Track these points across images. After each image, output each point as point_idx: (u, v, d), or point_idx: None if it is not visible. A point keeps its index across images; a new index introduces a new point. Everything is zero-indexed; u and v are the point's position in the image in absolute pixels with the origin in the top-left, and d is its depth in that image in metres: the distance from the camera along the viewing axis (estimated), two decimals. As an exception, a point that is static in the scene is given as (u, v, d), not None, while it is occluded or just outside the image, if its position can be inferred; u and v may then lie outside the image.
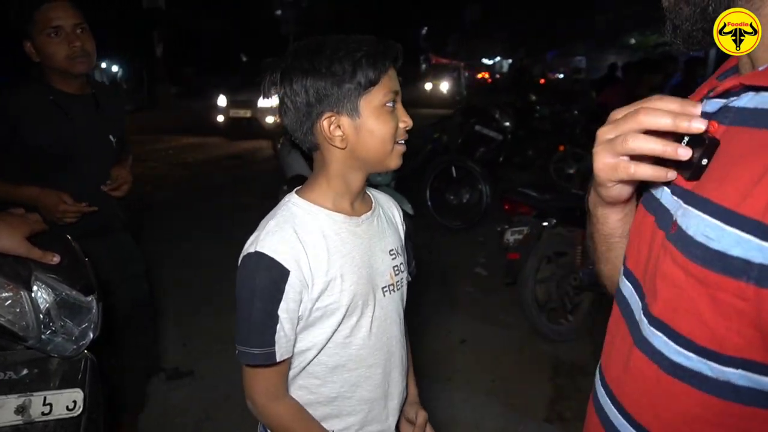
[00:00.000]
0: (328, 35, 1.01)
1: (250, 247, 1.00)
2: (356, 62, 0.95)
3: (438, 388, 2.81)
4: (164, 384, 2.84)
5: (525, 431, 2.51)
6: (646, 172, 0.62)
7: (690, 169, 0.60)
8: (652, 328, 0.62)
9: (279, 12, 19.31)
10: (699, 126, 0.57)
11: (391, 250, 1.14)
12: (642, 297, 0.66)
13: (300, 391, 1.09)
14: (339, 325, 1.04)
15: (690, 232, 0.57)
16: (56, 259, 1.31)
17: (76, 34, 1.84)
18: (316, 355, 1.06)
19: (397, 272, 1.14)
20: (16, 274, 1.24)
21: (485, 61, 39.39)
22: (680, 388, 0.59)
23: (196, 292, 3.91)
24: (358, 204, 1.10)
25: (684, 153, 0.58)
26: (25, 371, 1.23)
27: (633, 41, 22.84)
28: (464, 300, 3.81)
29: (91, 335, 1.34)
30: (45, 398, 1.23)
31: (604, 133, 0.65)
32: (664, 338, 0.60)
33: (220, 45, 20.77)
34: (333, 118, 0.98)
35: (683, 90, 0.75)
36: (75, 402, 1.27)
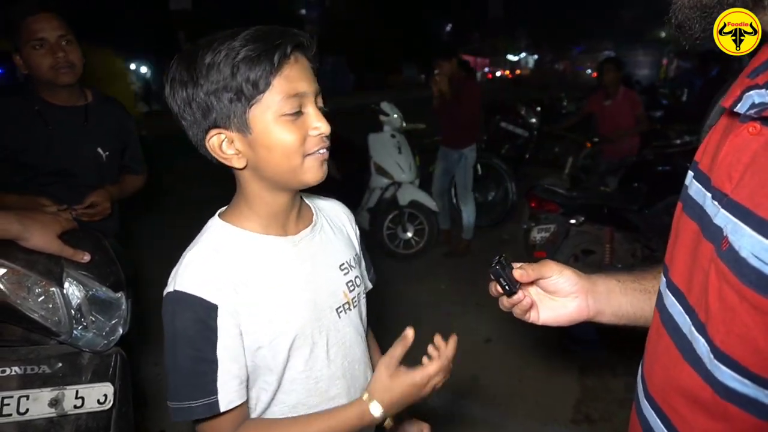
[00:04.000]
0: (217, 32, 0.83)
1: (168, 285, 0.87)
2: (234, 66, 0.79)
3: (463, 387, 2.79)
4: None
5: (552, 432, 2.47)
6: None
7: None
8: (707, 348, 0.58)
9: (304, 11, 19.45)
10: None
11: (342, 264, 1.01)
12: (690, 311, 0.63)
13: None
14: (287, 361, 0.91)
15: (743, 254, 0.53)
16: (87, 257, 1.34)
17: (60, 46, 1.84)
18: (273, 397, 0.94)
19: (351, 288, 1.01)
20: (48, 271, 1.27)
21: (510, 57, 39.01)
22: (735, 412, 0.56)
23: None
24: (292, 223, 0.96)
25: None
26: (58, 365, 1.27)
27: (663, 35, 22.31)
28: (490, 299, 3.76)
29: (121, 331, 1.37)
30: (77, 392, 1.26)
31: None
32: (717, 362, 0.57)
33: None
34: (219, 135, 0.84)
35: (719, 83, 0.72)
36: (106, 396, 1.30)
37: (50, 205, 1.76)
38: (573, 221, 3.21)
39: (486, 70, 40.18)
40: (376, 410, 0.88)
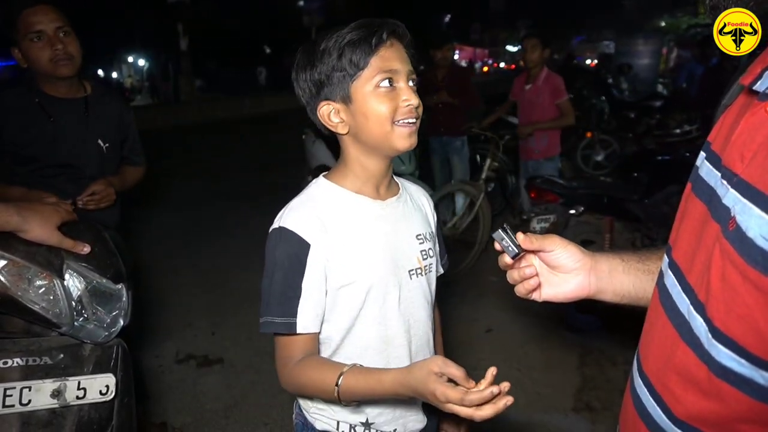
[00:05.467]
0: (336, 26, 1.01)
1: (275, 223, 1.04)
2: (340, 49, 0.97)
3: (464, 376, 2.80)
4: (194, 371, 2.90)
5: (551, 421, 2.48)
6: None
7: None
8: (705, 328, 0.58)
9: (301, 3, 19.33)
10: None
11: (419, 234, 1.13)
12: (688, 291, 0.63)
13: None
14: (363, 305, 1.05)
15: (750, 235, 0.53)
16: (87, 248, 1.34)
17: (58, 38, 1.84)
18: (346, 335, 1.07)
19: (425, 257, 1.13)
20: (49, 263, 1.27)
21: (509, 48, 38.82)
22: (729, 391, 0.56)
23: (224, 282, 3.98)
24: (383, 189, 1.11)
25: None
26: (60, 356, 1.27)
27: (663, 24, 22.18)
28: (490, 289, 3.78)
29: (122, 322, 1.37)
30: (79, 383, 1.27)
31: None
32: (715, 341, 0.57)
33: (243, 38, 20.90)
34: (328, 106, 1.01)
35: (720, 70, 0.71)
36: (108, 387, 1.30)
37: (50, 196, 1.75)
38: (573, 211, 3.21)
39: (489, 61, 40.01)
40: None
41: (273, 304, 1.01)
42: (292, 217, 1.02)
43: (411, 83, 1.02)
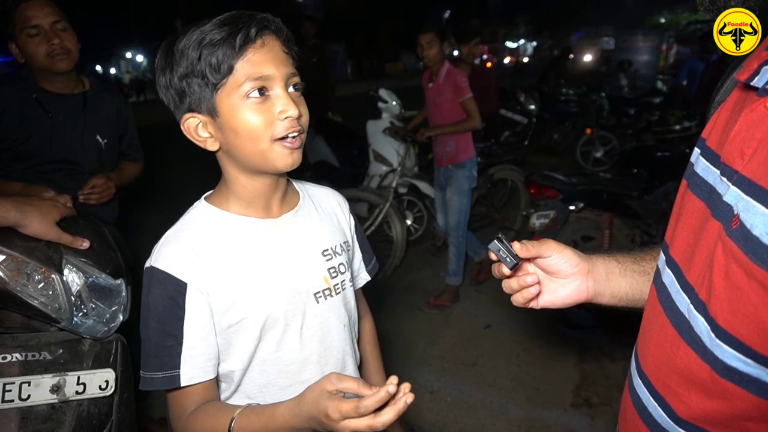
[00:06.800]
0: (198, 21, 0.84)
1: (148, 260, 0.91)
2: (199, 50, 0.80)
3: (463, 372, 2.81)
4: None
5: (550, 417, 2.49)
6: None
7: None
8: (707, 327, 0.58)
9: (300, -1, 19.30)
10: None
11: (325, 250, 1.00)
12: (688, 289, 0.62)
13: None
14: (259, 341, 0.93)
15: (756, 233, 0.51)
16: (86, 244, 1.33)
17: (55, 32, 1.83)
18: (244, 375, 0.95)
19: (334, 275, 1.00)
20: (47, 258, 1.27)
21: (509, 44, 38.78)
22: (735, 391, 0.56)
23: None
24: (276, 205, 0.97)
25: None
26: (59, 352, 1.27)
27: (663, 20, 22.17)
28: (489, 285, 3.78)
29: (121, 317, 1.37)
30: (79, 378, 1.27)
31: None
32: (718, 341, 0.56)
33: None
34: (194, 118, 0.86)
35: (721, 66, 0.71)
36: (107, 382, 1.30)
37: (49, 191, 1.74)
38: (572, 207, 3.21)
39: (484, 57, 39.94)
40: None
41: (151, 357, 0.88)
42: (163, 253, 0.89)
43: (292, 88, 0.87)
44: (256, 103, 0.83)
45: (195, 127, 0.87)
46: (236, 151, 0.87)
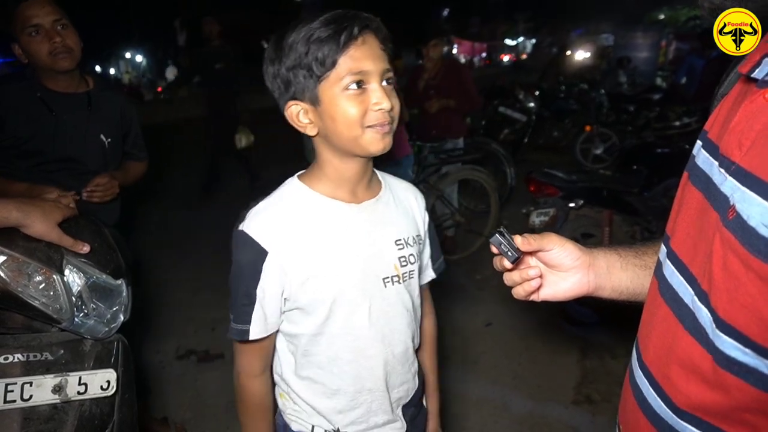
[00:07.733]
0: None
1: (240, 224, 1.00)
2: (307, 45, 0.89)
3: (465, 370, 2.81)
4: (195, 366, 2.91)
5: (552, 413, 2.49)
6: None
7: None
8: (710, 318, 0.58)
9: (300, -3, 19.25)
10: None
11: (398, 240, 1.07)
12: (692, 281, 0.62)
13: (304, 381, 1.08)
14: (328, 317, 1.01)
15: (752, 223, 0.52)
16: (86, 248, 1.33)
17: (56, 31, 1.83)
18: (313, 343, 1.04)
19: (404, 264, 1.07)
20: (48, 259, 1.27)
21: (508, 41, 38.73)
22: (733, 381, 0.56)
23: (225, 277, 3.97)
24: (361, 190, 1.05)
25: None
26: (60, 352, 1.27)
27: (662, 16, 22.12)
28: (490, 283, 3.78)
29: (122, 318, 1.37)
30: (80, 378, 1.27)
31: None
32: (719, 331, 0.56)
33: (241, 32, 20.83)
34: (297, 106, 0.96)
35: (723, 61, 0.71)
36: (109, 382, 1.30)
37: (52, 191, 1.75)
38: (572, 204, 3.21)
39: (484, 55, 39.91)
40: None
41: (234, 308, 1.02)
42: (254, 221, 0.99)
43: (386, 83, 0.95)
44: (353, 95, 0.91)
45: (297, 114, 0.96)
46: (333, 136, 0.95)
